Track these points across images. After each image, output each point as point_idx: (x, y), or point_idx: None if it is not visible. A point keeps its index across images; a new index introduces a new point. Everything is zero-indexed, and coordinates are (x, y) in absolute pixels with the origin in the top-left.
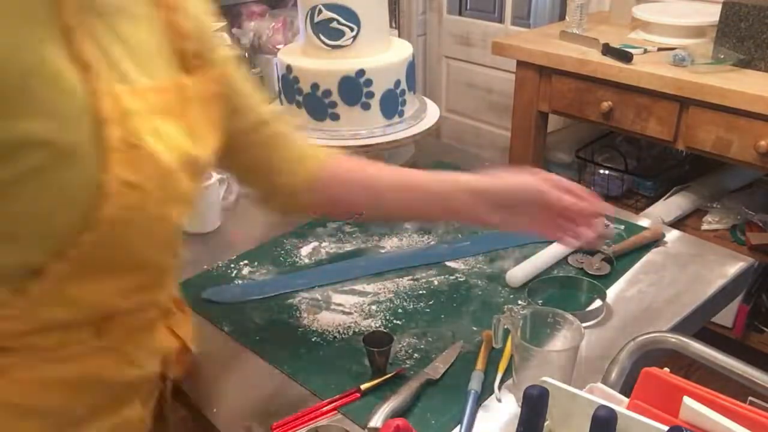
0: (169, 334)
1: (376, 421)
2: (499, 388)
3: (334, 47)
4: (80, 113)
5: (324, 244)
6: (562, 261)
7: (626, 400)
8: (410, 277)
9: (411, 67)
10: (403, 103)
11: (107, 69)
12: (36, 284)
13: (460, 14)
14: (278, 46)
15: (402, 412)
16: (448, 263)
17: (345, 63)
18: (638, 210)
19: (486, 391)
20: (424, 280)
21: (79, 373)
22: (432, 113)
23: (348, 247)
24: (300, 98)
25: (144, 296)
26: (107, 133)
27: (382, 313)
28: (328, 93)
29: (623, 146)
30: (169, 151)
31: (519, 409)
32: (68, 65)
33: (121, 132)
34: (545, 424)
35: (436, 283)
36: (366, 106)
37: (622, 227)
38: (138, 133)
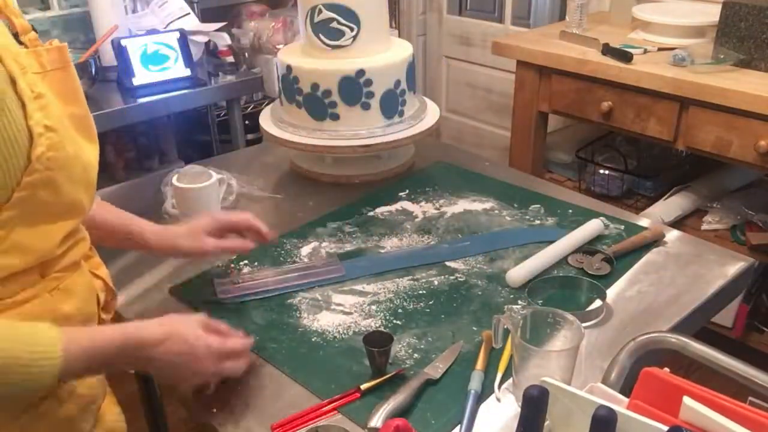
0: (92, 276)
1: (376, 421)
2: (499, 388)
3: (334, 47)
4: None
5: (324, 244)
6: (562, 261)
7: (626, 400)
8: (410, 277)
9: (411, 67)
10: (403, 103)
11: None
12: None
13: (460, 14)
14: (278, 46)
15: (402, 412)
16: (448, 263)
17: (345, 63)
18: (638, 210)
19: (486, 391)
20: (424, 280)
21: (35, 314)
22: (432, 113)
23: (348, 247)
24: (300, 98)
25: (72, 238)
26: (19, 86)
27: (382, 313)
28: (328, 93)
29: (623, 146)
30: (57, 102)
31: (519, 409)
32: None
33: (26, 83)
34: (545, 424)
35: (436, 283)
36: (366, 106)
37: (622, 227)
38: (36, 85)
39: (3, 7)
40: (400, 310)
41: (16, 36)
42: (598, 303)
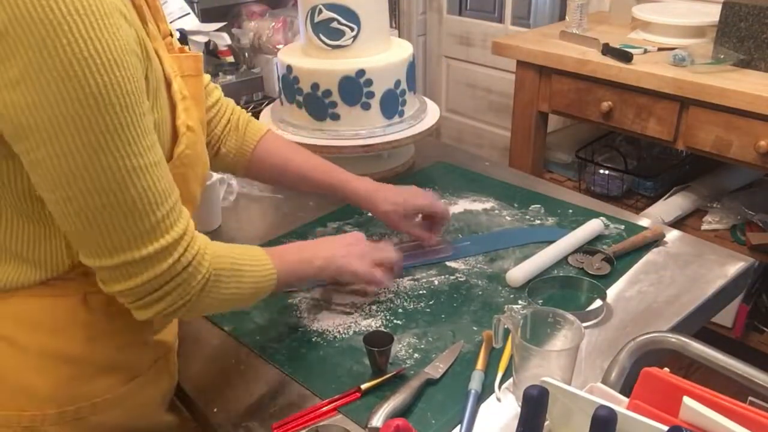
0: None
1: (376, 421)
2: (499, 388)
3: (334, 47)
4: (157, 70)
5: None
6: (562, 261)
7: (626, 400)
8: (410, 277)
9: (411, 67)
10: (403, 103)
11: (156, 37)
12: None
13: (460, 14)
14: (278, 46)
15: (402, 412)
16: (448, 263)
17: (345, 63)
18: (638, 210)
19: (486, 391)
20: (424, 280)
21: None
22: (432, 113)
23: None
24: (300, 98)
25: None
26: (173, 87)
27: (382, 313)
28: (328, 93)
29: (623, 146)
30: (196, 104)
31: (519, 409)
32: (145, 35)
33: (178, 86)
34: (545, 424)
35: (436, 283)
36: (366, 106)
37: (622, 227)
38: (184, 87)
39: (155, 12)
40: (400, 310)
41: None
42: (598, 303)
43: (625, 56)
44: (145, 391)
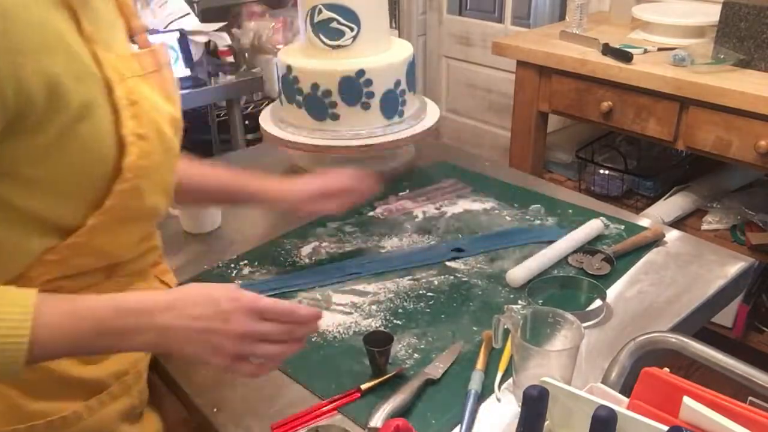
0: (157, 281)
1: (376, 421)
2: (499, 388)
3: (334, 47)
4: (90, 76)
5: (324, 244)
6: (562, 261)
7: (626, 400)
8: (410, 277)
9: (411, 67)
10: (403, 103)
11: (98, 40)
12: (76, 235)
13: (460, 14)
14: (278, 46)
15: (402, 412)
16: (448, 263)
17: (345, 63)
18: (638, 210)
19: (486, 391)
20: (424, 280)
21: None
22: (432, 113)
23: (348, 247)
24: (300, 98)
25: (146, 244)
26: (115, 92)
27: (382, 313)
28: (328, 93)
29: (623, 146)
30: (155, 108)
31: (519, 409)
32: (77, 38)
33: (123, 91)
34: (545, 424)
35: (436, 283)
36: (366, 106)
37: (622, 227)
38: (134, 92)
39: (123, 6)
40: (400, 310)
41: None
42: (598, 303)
43: (625, 56)
44: (105, 408)
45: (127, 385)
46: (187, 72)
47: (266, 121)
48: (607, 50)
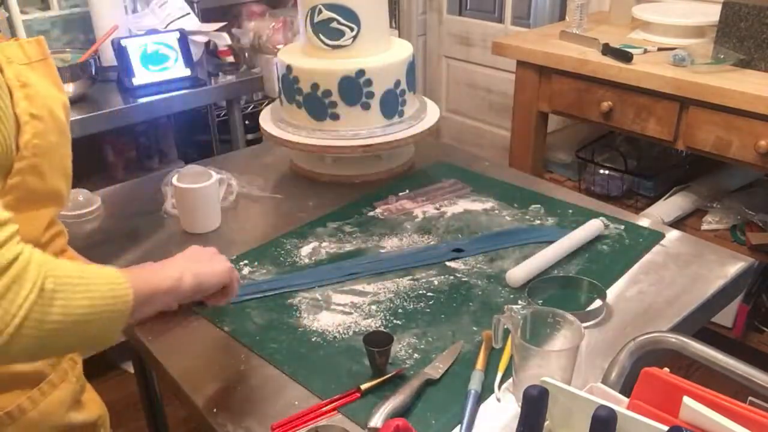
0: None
1: (376, 421)
2: (499, 388)
3: (334, 47)
4: None
5: (324, 244)
6: (562, 261)
7: (626, 400)
8: (410, 277)
9: (411, 67)
10: (403, 103)
11: None
12: None
13: (460, 14)
14: (278, 46)
15: (402, 412)
16: (448, 263)
17: (345, 63)
18: (638, 210)
19: (486, 391)
20: (424, 280)
21: None
22: (432, 113)
23: (348, 247)
24: (300, 98)
25: (52, 229)
26: (5, 73)
27: (382, 313)
28: (328, 93)
29: (623, 146)
30: (47, 92)
31: (519, 409)
32: None
33: (13, 73)
34: (545, 424)
35: (436, 283)
36: (366, 106)
37: (622, 227)
38: (22, 75)
39: None
40: (400, 310)
41: None
42: (598, 303)
43: (625, 56)
44: (48, 398)
45: (63, 371)
46: (187, 72)
47: (266, 121)
48: (607, 50)
